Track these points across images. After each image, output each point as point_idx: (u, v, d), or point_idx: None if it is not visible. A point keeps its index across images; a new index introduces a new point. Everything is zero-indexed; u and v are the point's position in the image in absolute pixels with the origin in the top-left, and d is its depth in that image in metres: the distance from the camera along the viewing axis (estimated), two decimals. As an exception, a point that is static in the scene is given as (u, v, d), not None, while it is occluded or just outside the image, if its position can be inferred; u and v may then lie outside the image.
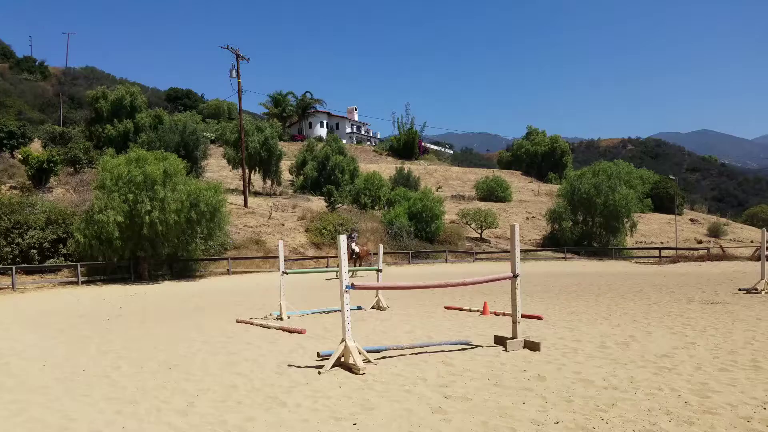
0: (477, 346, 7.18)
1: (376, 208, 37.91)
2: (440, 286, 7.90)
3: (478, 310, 10.72)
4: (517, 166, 71.80)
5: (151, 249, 21.13)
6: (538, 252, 35.40)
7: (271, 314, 10.77)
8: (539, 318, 9.53)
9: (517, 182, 60.75)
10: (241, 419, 4.44)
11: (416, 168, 55.54)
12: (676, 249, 34.54)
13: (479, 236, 37.96)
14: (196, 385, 5.60)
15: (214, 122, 59.84)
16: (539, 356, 6.56)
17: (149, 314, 12.01)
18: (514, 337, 7.10)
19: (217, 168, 45.98)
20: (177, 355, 7.14)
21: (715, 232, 45.32)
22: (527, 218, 44.00)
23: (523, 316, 8.51)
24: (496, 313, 10.31)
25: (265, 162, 41.02)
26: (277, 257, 11.18)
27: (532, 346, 6.95)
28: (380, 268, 12.08)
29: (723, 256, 30.03)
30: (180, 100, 75.53)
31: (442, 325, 9.22)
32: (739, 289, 13.99)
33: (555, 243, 37.00)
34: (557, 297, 13.41)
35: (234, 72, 32.80)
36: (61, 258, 21.19)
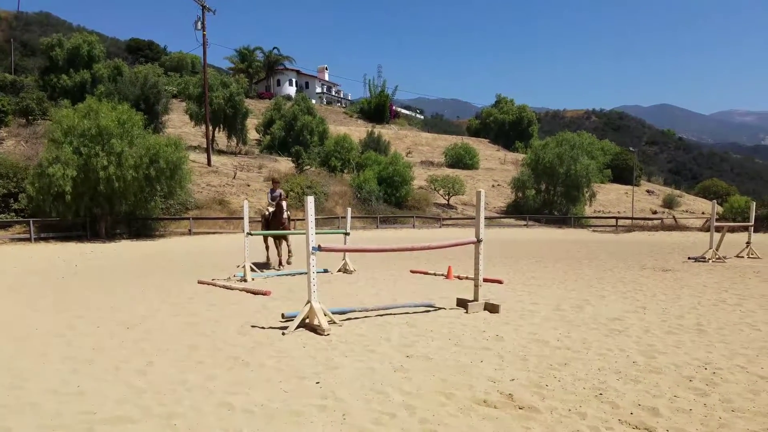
0: (440, 308, 7.33)
1: (346, 171, 37.63)
2: (406, 249, 7.99)
3: (442, 274, 10.91)
4: (486, 134, 72.22)
5: (108, 206, 20.48)
6: (502, 219, 36.08)
7: (234, 276, 10.68)
8: (500, 282, 9.78)
9: (484, 150, 61.22)
10: (203, 378, 4.42)
11: (387, 132, 55.13)
12: (632, 219, 35.79)
13: (446, 203, 38.34)
14: (156, 345, 5.53)
15: (177, 76, 57.48)
16: (498, 318, 6.75)
17: (106, 273, 11.73)
18: (476, 299, 7.27)
19: (179, 124, 44.47)
20: (136, 315, 7.01)
21: (669, 204, 47.10)
22: (493, 186, 44.58)
23: (485, 280, 8.69)
24: (459, 277, 10.51)
25: (230, 119, 39.88)
26: (242, 218, 11.03)
27: (492, 308, 7.15)
28: (348, 231, 12.10)
29: (676, 227, 31.35)
30: (141, 51, 71.98)
31: (407, 288, 9.35)
32: (689, 258, 14.67)
33: (518, 211, 37.76)
34: (518, 262, 13.77)
35: (199, 24, 31.41)
36: (12, 214, 20.33)
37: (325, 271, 11.53)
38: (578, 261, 14.21)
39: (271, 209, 12.54)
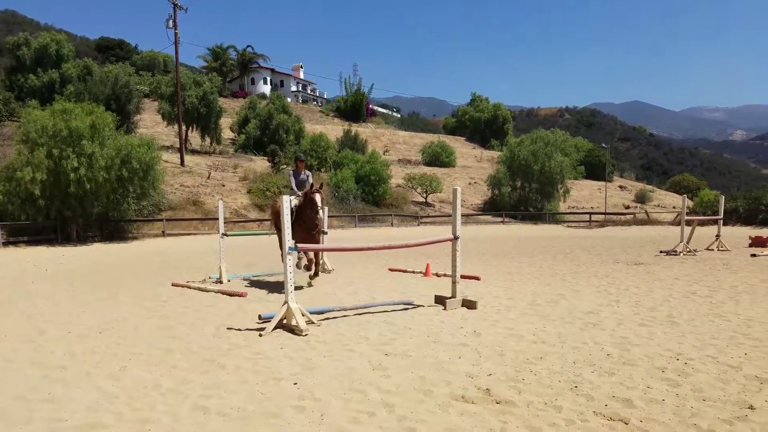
0: (418, 306, 7.35)
1: (323, 170, 37.49)
2: (384, 248, 7.98)
3: (420, 272, 10.94)
4: (462, 132, 72.75)
5: (79, 208, 19.98)
6: (479, 216, 36.39)
7: (210, 277, 10.52)
8: (477, 278, 9.85)
9: (461, 148, 61.67)
10: (177, 382, 4.34)
11: (363, 131, 55.04)
12: (605, 214, 36.45)
13: (424, 200, 38.48)
14: (129, 349, 5.41)
15: (149, 75, 56.44)
16: (476, 314, 6.80)
17: (78, 277, 11.44)
18: (453, 296, 7.31)
19: (151, 124, 43.67)
20: (108, 319, 6.86)
21: (641, 199, 48.16)
22: (469, 183, 44.92)
23: (463, 276, 8.75)
24: (437, 275, 10.56)
25: (203, 118, 39.32)
26: (217, 219, 10.87)
27: (469, 304, 7.19)
28: (325, 230, 12.02)
29: (647, 221, 32.05)
30: (111, 50, 70.42)
31: (385, 286, 9.34)
32: (661, 251, 15.00)
33: (494, 208, 38.13)
34: (495, 259, 13.89)
35: (171, 22, 30.84)
36: (-22, 218, 19.68)
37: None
38: (553, 256, 14.41)
39: (293, 202, 8.68)
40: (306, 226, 8.52)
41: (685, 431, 3.30)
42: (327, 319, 6.60)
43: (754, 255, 13.65)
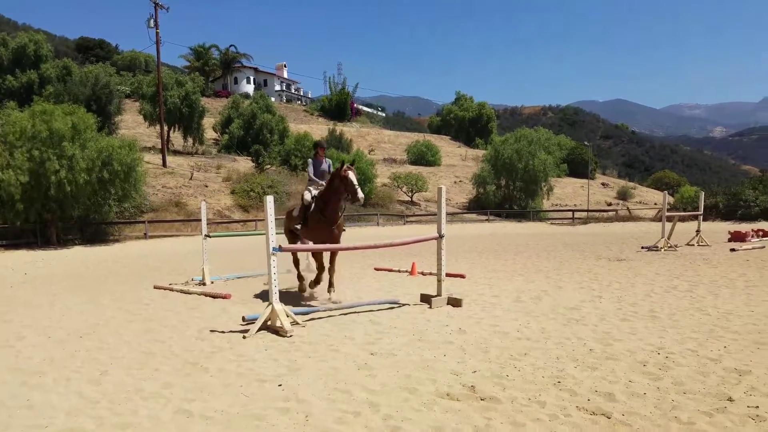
0: (404, 305, 7.35)
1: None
2: (370, 247, 7.96)
3: (406, 271, 10.95)
4: (447, 131, 73.04)
5: (59, 211, 19.64)
6: (464, 215, 36.55)
7: (192, 279, 10.41)
8: (462, 276, 9.89)
9: (446, 147, 61.90)
10: (159, 386, 4.29)
11: (348, 130, 54.97)
12: (587, 211, 36.87)
13: (410, 199, 38.55)
14: (110, 353, 5.33)
15: (130, 75, 55.74)
16: (461, 311, 6.83)
17: (58, 281, 11.25)
18: (439, 294, 7.33)
19: (132, 124, 43.12)
20: (88, 323, 6.75)
21: (623, 195, 48.79)
22: (455, 182, 45.10)
23: (448, 275, 8.75)
24: (423, 273, 10.57)
25: (185, 119, 38.92)
26: (199, 220, 10.76)
27: (454, 302, 7.22)
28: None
29: (629, 217, 32.47)
30: (91, 50, 69.38)
31: (371, 286, 9.33)
32: (642, 247, 15.20)
33: (480, 206, 38.34)
34: (480, 257, 13.96)
35: (152, 21, 30.46)
36: (-46, 222, 19.25)
37: (288, 272, 11.37)
38: (537, 253, 14.53)
39: (312, 192, 7.71)
40: (328, 219, 7.19)
41: (666, 424, 3.34)
42: (312, 319, 6.57)
43: (733, 249, 13.90)
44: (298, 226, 7.82)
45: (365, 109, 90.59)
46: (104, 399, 4.04)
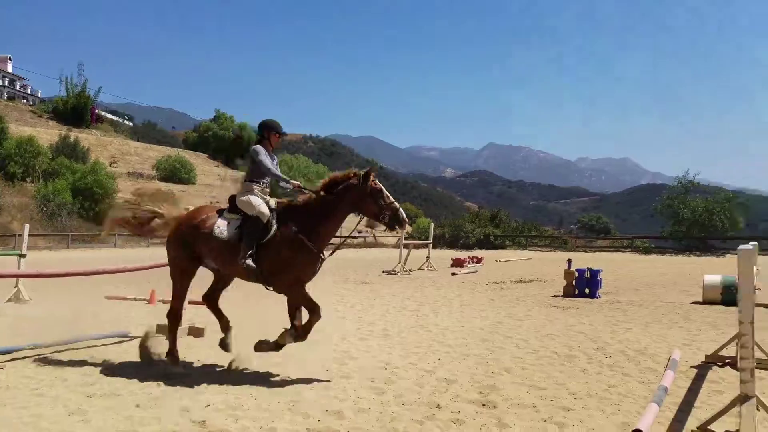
0: (136, 338, 6.56)
1: (29, 180, 31.43)
2: (95, 273, 7.00)
3: (144, 299, 9.89)
4: (205, 149, 69.94)
5: None
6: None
7: None
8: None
9: (203, 165, 59.22)
10: None
11: (87, 137, 48.08)
12: (340, 237, 39.36)
13: (157, 219, 35.40)
14: None
15: None
16: (203, 342, 6.47)
17: None
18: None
19: None
20: None
21: (371, 224, 53.72)
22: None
23: (190, 303, 8.19)
24: (164, 302, 9.65)
25: None
26: None
27: (196, 332, 6.79)
28: (24, 252, 10.00)
29: (376, 244, 35.86)
30: None
31: (99, 317, 8.10)
32: (384, 271, 16.85)
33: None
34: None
35: None
36: None
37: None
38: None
39: (269, 202, 5.51)
40: (317, 246, 5.13)
41: (385, 435, 3.63)
42: (14, 359, 5.40)
43: (453, 273, 16.48)
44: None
45: (109, 116, 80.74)
46: None
